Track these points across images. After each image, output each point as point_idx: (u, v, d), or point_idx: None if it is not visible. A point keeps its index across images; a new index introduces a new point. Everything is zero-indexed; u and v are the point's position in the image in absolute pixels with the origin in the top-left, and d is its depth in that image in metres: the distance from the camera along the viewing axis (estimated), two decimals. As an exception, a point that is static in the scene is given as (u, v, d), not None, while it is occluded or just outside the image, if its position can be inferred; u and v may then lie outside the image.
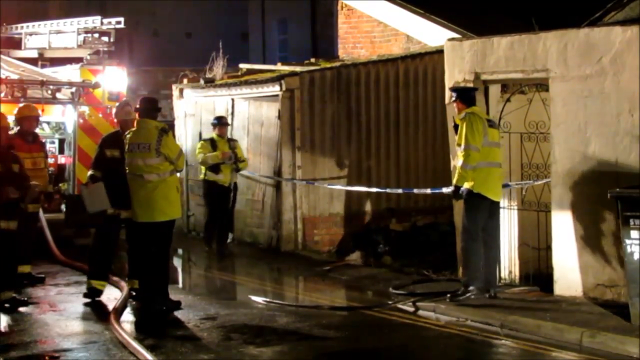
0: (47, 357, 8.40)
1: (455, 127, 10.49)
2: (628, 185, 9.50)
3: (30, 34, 17.01)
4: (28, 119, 12.22)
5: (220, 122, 14.86)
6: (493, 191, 10.36)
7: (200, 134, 17.00)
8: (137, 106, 10.70)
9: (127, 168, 10.45)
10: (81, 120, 14.98)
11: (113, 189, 10.72)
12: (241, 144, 15.79)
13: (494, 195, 10.37)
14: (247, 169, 15.29)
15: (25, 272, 11.89)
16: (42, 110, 13.89)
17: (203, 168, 14.58)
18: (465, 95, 10.55)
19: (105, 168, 10.96)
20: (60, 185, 15.12)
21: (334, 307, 10.56)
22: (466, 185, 10.22)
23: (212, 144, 14.52)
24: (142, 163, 10.29)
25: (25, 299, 10.70)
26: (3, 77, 14.14)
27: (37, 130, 13.12)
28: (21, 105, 12.87)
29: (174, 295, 10.54)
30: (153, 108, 10.68)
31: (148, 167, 10.27)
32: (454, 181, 10.36)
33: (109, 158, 10.98)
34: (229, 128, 16.11)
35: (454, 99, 10.60)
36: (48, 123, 15.27)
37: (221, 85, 16.40)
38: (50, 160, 14.84)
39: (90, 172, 11.09)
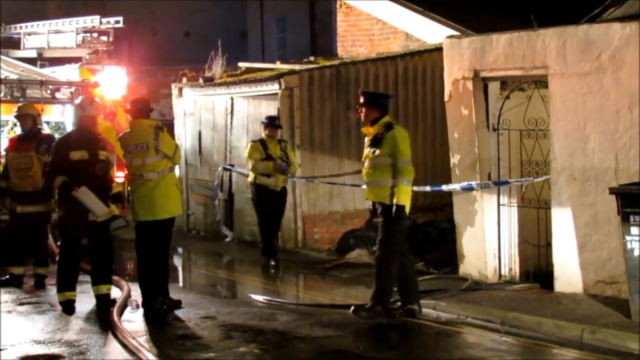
0: (47, 357, 8.40)
1: (376, 138, 9.67)
2: (628, 181, 9.52)
3: (29, 34, 17.02)
4: (22, 117, 12.22)
5: (272, 124, 13.65)
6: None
7: (199, 133, 17.03)
8: (129, 107, 10.73)
9: (126, 169, 10.46)
10: (80, 120, 14.96)
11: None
12: (240, 142, 15.82)
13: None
14: (247, 167, 15.27)
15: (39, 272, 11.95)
16: (42, 110, 13.90)
17: (252, 171, 13.59)
18: (381, 101, 9.91)
19: (72, 172, 10.33)
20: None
21: (334, 305, 10.56)
22: (396, 202, 9.56)
23: (263, 145, 13.44)
24: (142, 162, 10.29)
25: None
26: (2, 77, 14.14)
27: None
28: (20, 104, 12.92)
29: (174, 294, 10.55)
30: (146, 108, 10.70)
31: (148, 166, 10.27)
32: (399, 200, 9.53)
33: (75, 161, 10.38)
34: (229, 127, 16.16)
35: (363, 101, 9.80)
36: (47, 123, 15.25)
37: (220, 84, 16.41)
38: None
39: (61, 178, 10.32)
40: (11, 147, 12.21)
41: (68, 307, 10.28)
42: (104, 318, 9.75)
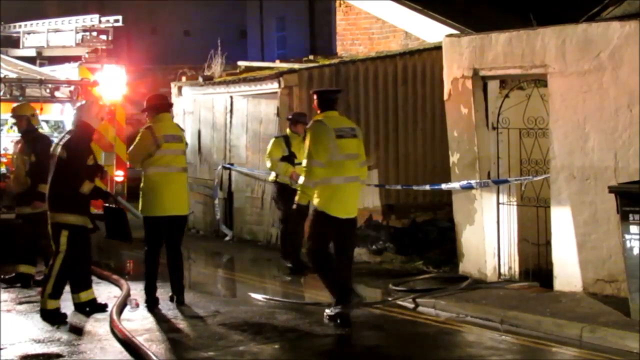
0: (46, 356, 8.40)
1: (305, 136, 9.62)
2: (627, 180, 9.52)
3: (29, 33, 17.00)
4: (17, 118, 12.21)
5: (295, 119, 12.88)
6: (340, 209, 9.39)
7: (199, 132, 17.02)
8: (152, 102, 10.62)
9: (157, 161, 10.30)
10: (80, 119, 14.94)
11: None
12: (240, 141, 15.82)
13: (340, 212, 9.39)
14: (247, 166, 15.29)
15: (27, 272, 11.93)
16: (41, 109, 13.90)
17: (270, 169, 13.08)
18: (320, 98, 9.63)
19: (86, 177, 9.96)
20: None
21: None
22: (313, 202, 9.39)
23: (286, 141, 12.80)
24: (174, 155, 10.37)
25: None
26: (2, 76, 14.13)
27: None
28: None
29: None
30: (169, 103, 10.99)
31: (180, 158, 10.48)
32: (296, 199, 9.46)
33: (89, 165, 10.00)
34: (228, 125, 16.16)
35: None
36: (47, 122, 15.26)
37: (220, 83, 16.41)
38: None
39: (90, 184, 9.91)
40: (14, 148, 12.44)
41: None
42: (105, 317, 9.76)
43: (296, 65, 15.70)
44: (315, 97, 9.78)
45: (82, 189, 9.83)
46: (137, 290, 10.69)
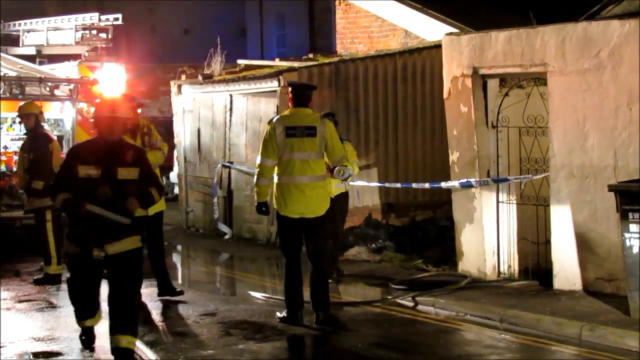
0: (46, 354, 8.40)
1: None
2: (627, 179, 9.52)
3: (28, 31, 17.02)
4: (25, 117, 12.45)
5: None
6: (290, 208, 9.17)
7: (198, 130, 17.01)
8: (136, 103, 10.69)
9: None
10: (79, 117, 14.96)
11: (92, 222, 7.84)
12: (239, 140, 15.81)
13: (290, 212, 9.18)
14: (246, 164, 15.28)
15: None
16: (41, 107, 13.91)
17: None
18: (294, 93, 9.44)
19: (78, 191, 7.83)
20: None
21: (333, 303, 10.53)
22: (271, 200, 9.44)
23: None
24: None
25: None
26: (1, 74, 14.13)
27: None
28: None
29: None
30: None
31: None
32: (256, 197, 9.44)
33: (81, 178, 7.82)
34: (228, 124, 16.15)
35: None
36: (47, 120, 15.26)
37: (219, 81, 16.41)
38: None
39: (63, 196, 7.86)
40: None
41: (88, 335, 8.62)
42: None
43: (296, 64, 15.69)
44: (290, 90, 9.57)
45: (55, 203, 8.22)
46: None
